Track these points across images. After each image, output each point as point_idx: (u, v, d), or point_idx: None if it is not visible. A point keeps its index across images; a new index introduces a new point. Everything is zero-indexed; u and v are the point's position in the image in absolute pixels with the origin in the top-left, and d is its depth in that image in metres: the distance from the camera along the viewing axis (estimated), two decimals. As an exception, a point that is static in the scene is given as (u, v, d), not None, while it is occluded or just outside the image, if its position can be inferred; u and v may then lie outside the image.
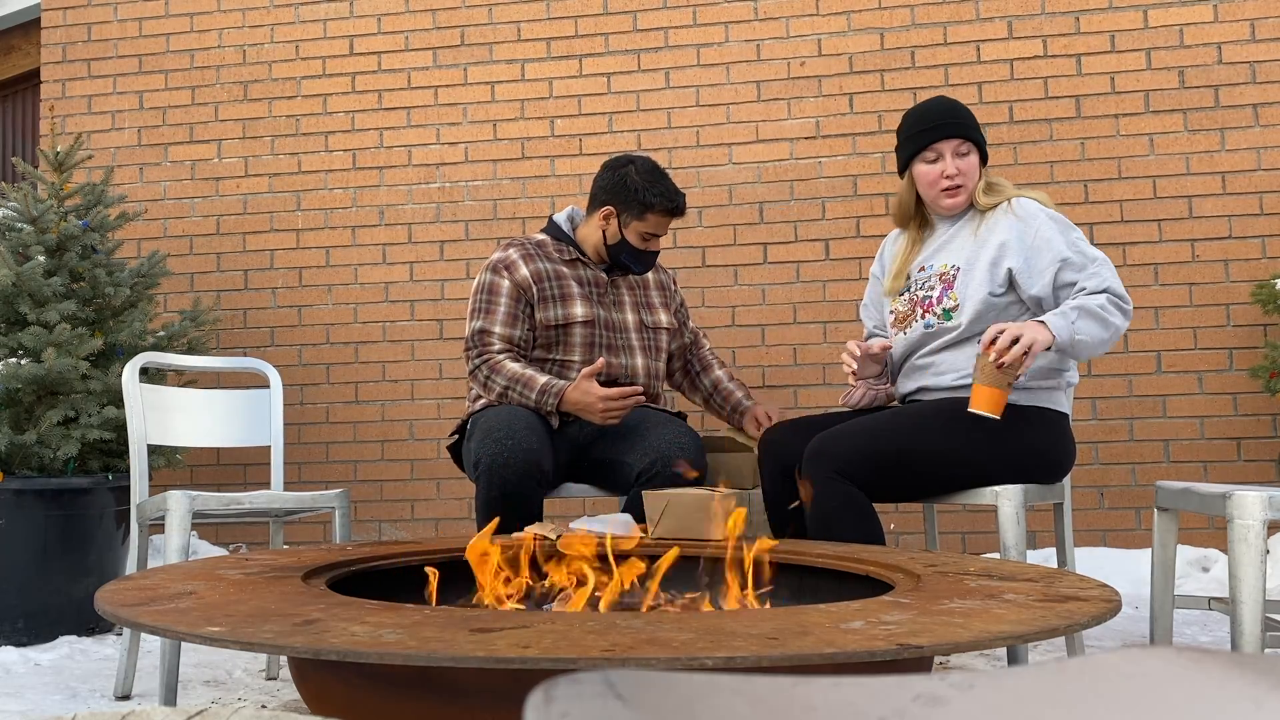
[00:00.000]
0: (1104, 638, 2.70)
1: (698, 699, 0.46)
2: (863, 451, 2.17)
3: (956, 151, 2.31)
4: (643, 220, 2.62)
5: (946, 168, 2.31)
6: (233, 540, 4.01)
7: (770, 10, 3.88)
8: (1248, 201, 3.58)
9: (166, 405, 2.75)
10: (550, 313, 2.60)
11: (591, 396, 2.45)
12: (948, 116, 2.33)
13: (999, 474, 2.19)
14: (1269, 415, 3.52)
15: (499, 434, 2.36)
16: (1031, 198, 2.31)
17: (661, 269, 2.89)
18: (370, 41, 4.11)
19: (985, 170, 2.37)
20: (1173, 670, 0.49)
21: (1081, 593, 1.43)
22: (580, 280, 2.66)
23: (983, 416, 2.07)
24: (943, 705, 0.46)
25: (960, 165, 2.31)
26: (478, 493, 2.39)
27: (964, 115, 2.36)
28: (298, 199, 4.11)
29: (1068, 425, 2.34)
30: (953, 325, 2.29)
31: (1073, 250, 2.22)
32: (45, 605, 2.95)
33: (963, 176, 2.31)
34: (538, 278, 2.62)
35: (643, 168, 2.63)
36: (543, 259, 2.65)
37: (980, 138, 2.35)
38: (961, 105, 2.40)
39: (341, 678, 1.36)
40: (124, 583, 1.58)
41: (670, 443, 2.44)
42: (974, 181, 2.33)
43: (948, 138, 2.31)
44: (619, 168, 2.65)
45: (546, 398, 2.50)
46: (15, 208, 3.26)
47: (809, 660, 1.05)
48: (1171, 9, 3.65)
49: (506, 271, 2.62)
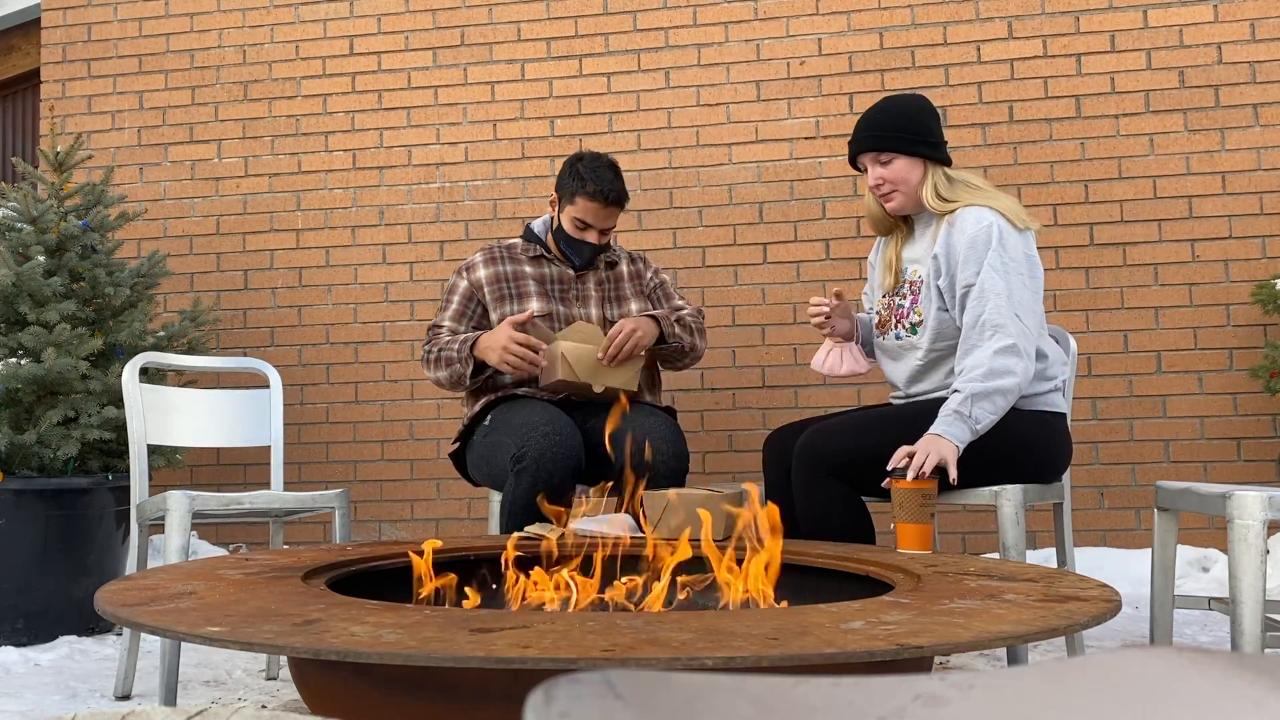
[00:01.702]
0: (1104, 638, 2.70)
1: (698, 699, 0.46)
2: (851, 448, 2.18)
3: (877, 160, 2.32)
4: (574, 204, 2.69)
5: (870, 178, 2.34)
6: (233, 540, 4.01)
7: (770, 10, 3.88)
8: (1248, 201, 3.58)
9: (166, 405, 2.75)
10: (505, 309, 2.70)
11: (502, 335, 2.54)
12: (863, 130, 2.34)
13: (991, 473, 2.19)
14: (1269, 415, 3.52)
15: (544, 428, 2.38)
16: (994, 207, 2.24)
17: (638, 258, 2.90)
18: (370, 41, 4.11)
19: (932, 170, 2.30)
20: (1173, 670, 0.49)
21: (1081, 593, 1.43)
22: (541, 278, 2.74)
23: None
24: (943, 705, 0.46)
25: (883, 174, 2.31)
26: (517, 487, 2.36)
27: (879, 125, 2.32)
28: (298, 199, 4.11)
29: (1063, 424, 2.33)
30: (917, 342, 2.32)
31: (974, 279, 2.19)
32: (45, 605, 2.95)
33: (889, 184, 2.31)
34: (494, 279, 2.74)
35: (590, 158, 2.71)
36: (507, 261, 2.77)
37: (903, 142, 2.29)
38: (886, 111, 2.35)
39: (341, 678, 1.36)
40: (124, 583, 1.58)
41: (647, 431, 2.44)
42: (909, 184, 2.30)
43: (861, 152, 2.34)
44: (573, 158, 2.75)
45: (465, 345, 2.62)
46: (15, 208, 3.26)
47: (809, 660, 1.05)
48: (1171, 9, 3.65)
49: (466, 273, 2.79)
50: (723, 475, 3.77)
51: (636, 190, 3.89)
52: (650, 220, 3.89)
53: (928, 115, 2.34)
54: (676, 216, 3.88)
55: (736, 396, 3.81)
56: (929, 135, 2.31)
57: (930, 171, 2.30)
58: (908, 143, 2.29)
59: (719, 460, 3.80)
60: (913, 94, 2.50)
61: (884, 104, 2.38)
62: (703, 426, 3.79)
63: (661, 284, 2.89)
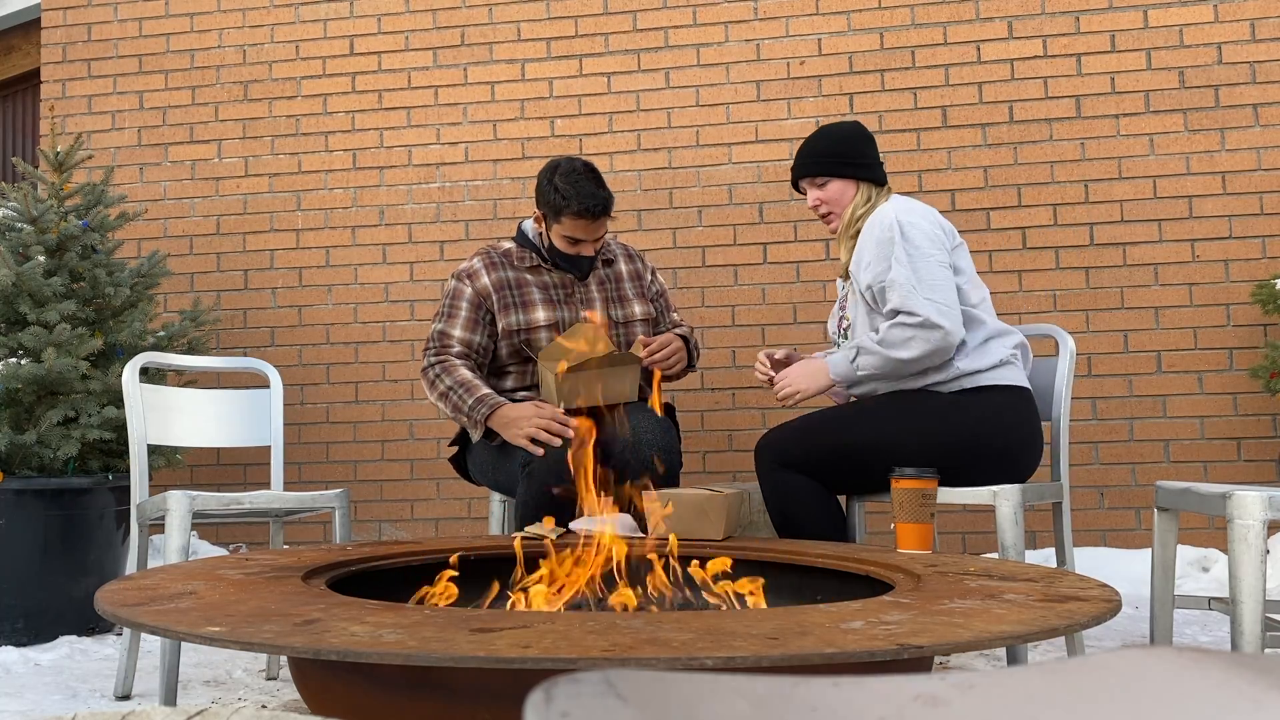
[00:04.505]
0: (1104, 638, 2.70)
1: (698, 699, 0.46)
2: (803, 443, 2.31)
3: (814, 184, 2.47)
4: (560, 223, 2.59)
5: (809, 200, 2.49)
6: (233, 540, 4.01)
7: (770, 10, 3.88)
8: (1248, 201, 3.58)
9: (166, 405, 2.75)
10: (512, 319, 2.62)
11: (529, 410, 2.44)
12: (798, 158, 2.50)
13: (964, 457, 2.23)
14: (1269, 415, 3.52)
15: None
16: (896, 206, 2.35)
17: (635, 255, 2.85)
18: (370, 41, 4.11)
19: (864, 189, 2.44)
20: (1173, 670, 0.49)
21: (1081, 593, 1.43)
22: (544, 285, 2.65)
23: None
24: (943, 705, 0.46)
25: (819, 195, 2.47)
26: (528, 490, 2.37)
27: (816, 151, 2.47)
28: (298, 199, 4.11)
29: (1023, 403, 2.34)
30: (848, 345, 2.40)
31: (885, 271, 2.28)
32: (45, 605, 2.95)
33: (825, 205, 2.47)
34: (498, 286, 2.64)
35: (566, 170, 2.58)
36: (506, 267, 2.67)
37: (838, 166, 2.43)
38: (822, 138, 2.50)
39: (341, 678, 1.36)
40: (124, 583, 1.58)
41: (642, 429, 2.44)
42: (843, 205, 2.45)
43: (800, 178, 2.50)
44: (546, 171, 2.62)
45: (481, 407, 2.49)
46: (15, 208, 3.26)
47: (809, 660, 1.05)
48: (1171, 9, 3.65)
49: (469, 279, 2.66)
50: (723, 475, 3.77)
51: (636, 190, 3.89)
52: (650, 220, 3.89)
53: (861, 140, 2.49)
54: (676, 216, 3.88)
55: (736, 396, 3.81)
56: (862, 158, 2.46)
57: (861, 191, 2.45)
58: (841, 166, 2.45)
59: (719, 460, 3.80)
60: (849, 121, 2.65)
61: (820, 131, 2.55)
62: (703, 426, 3.79)
63: (661, 292, 2.87)
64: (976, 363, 2.29)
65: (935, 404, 2.27)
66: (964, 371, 2.28)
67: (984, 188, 3.72)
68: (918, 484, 2.01)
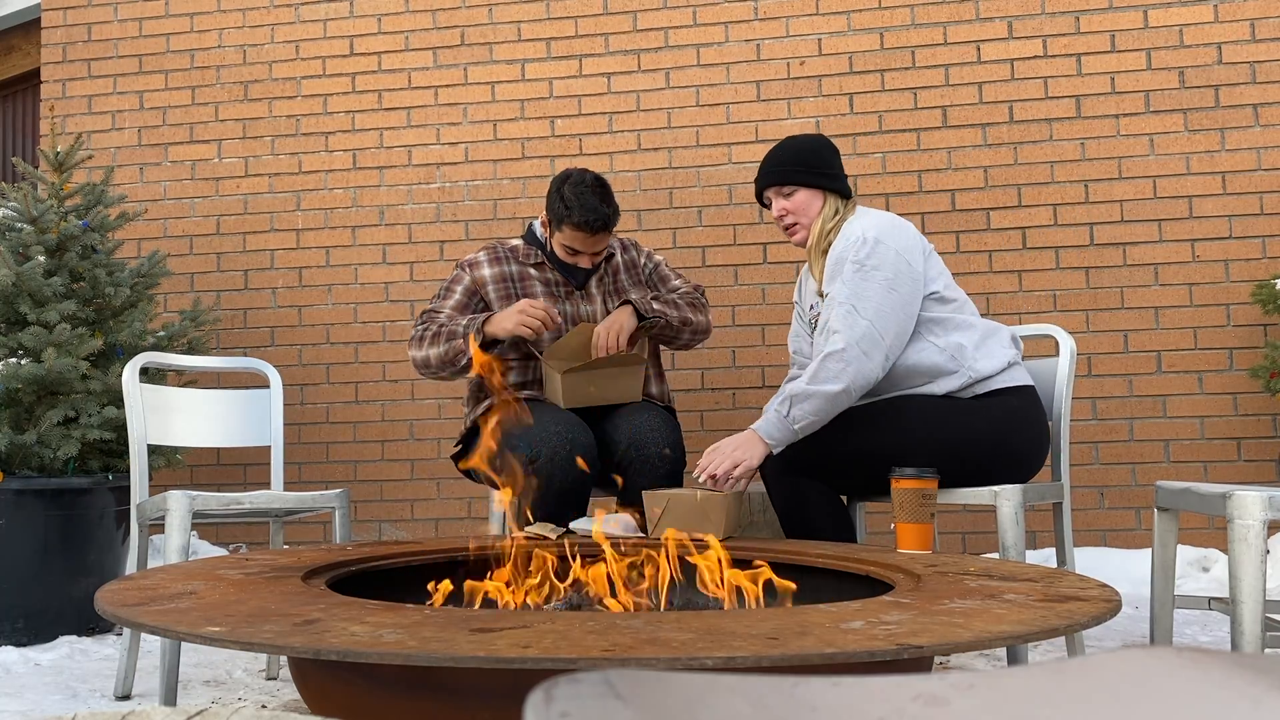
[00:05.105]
0: (1104, 638, 2.70)
1: (698, 699, 0.46)
2: (815, 449, 2.26)
3: (780, 193, 2.42)
4: (561, 232, 2.64)
5: (774, 210, 2.44)
6: (233, 540, 4.01)
7: (770, 10, 3.88)
8: (1248, 201, 3.58)
9: (166, 405, 2.75)
10: None
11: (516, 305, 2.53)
12: (764, 167, 2.45)
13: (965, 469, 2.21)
14: (1269, 415, 3.52)
15: (555, 428, 2.39)
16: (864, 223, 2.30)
17: (630, 245, 2.86)
18: (370, 41, 4.11)
19: (830, 200, 2.40)
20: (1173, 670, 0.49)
21: (1081, 593, 1.43)
22: (546, 281, 2.71)
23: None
24: (943, 705, 0.46)
25: (785, 205, 2.42)
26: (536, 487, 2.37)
27: (782, 161, 2.43)
28: (298, 199, 4.11)
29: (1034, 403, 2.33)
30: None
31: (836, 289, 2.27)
32: (45, 605, 2.95)
33: (791, 215, 2.42)
34: (499, 279, 2.71)
35: (575, 181, 2.62)
36: (511, 262, 2.74)
37: (804, 175, 2.39)
38: (788, 148, 2.45)
39: (341, 678, 1.36)
40: (124, 583, 1.58)
41: (644, 426, 2.45)
42: (810, 215, 2.41)
43: (764, 189, 2.45)
44: (558, 180, 2.66)
45: (474, 321, 2.58)
46: (15, 208, 3.26)
47: (809, 660, 1.05)
48: (1171, 9, 3.65)
49: (470, 268, 2.75)
50: (723, 475, 3.76)
51: (636, 190, 3.89)
52: (650, 220, 3.89)
53: (827, 151, 2.46)
54: (676, 216, 3.88)
55: (736, 396, 3.81)
56: (829, 169, 2.43)
57: (829, 203, 2.41)
58: (809, 175, 2.40)
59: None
60: (815, 133, 2.63)
61: (786, 142, 2.50)
62: (702, 426, 3.79)
63: (656, 266, 2.87)
64: (986, 366, 2.27)
65: (954, 409, 2.24)
66: (979, 376, 2.26)
67: (984, 188, 3.72)
68: (918, 484, 2.01)
